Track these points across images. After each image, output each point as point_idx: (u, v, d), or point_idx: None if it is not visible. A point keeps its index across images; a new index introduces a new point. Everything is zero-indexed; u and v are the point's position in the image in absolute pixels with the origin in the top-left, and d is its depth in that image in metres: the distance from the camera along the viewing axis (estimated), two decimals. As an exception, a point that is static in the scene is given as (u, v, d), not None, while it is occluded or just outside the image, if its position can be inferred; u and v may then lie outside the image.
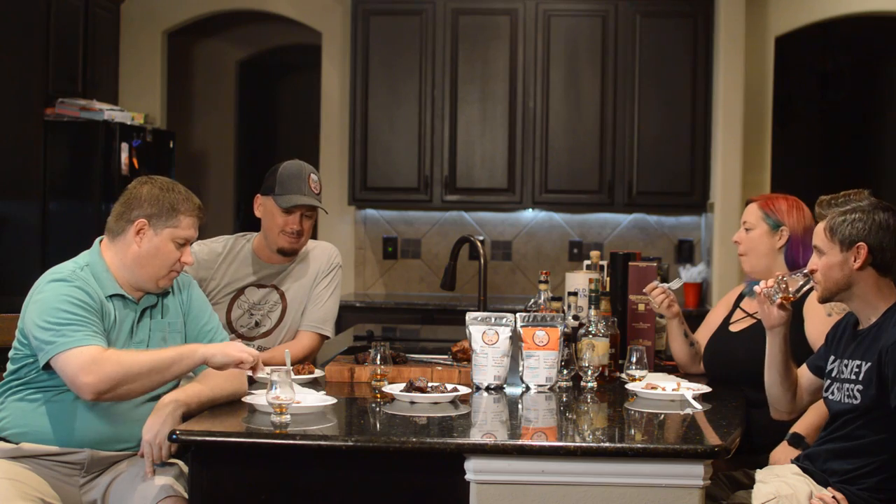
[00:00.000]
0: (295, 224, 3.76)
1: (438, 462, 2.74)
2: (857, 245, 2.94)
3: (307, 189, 3.77)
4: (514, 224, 6.87)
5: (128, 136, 6.11)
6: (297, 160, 3.88)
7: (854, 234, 2.95)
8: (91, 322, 2.95)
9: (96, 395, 2.86)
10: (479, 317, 3.48)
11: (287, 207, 3.73)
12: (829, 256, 2.99)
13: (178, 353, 2.96)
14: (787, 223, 3.62)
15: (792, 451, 3.24)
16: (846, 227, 2.96)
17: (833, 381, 3.05)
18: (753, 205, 3.69)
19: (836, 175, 8.81)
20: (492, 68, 6.55)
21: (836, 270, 2.98)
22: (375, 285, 6.94)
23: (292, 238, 3.78)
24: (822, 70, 9.01)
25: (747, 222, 3.68)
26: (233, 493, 2.78)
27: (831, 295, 3.03)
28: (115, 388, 2.87)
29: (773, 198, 3.69)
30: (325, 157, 6.92)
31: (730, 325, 3.73)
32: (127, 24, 6.93)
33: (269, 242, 3.82)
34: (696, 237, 6.79)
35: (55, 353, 2.88)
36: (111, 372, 2.85)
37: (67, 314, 2.91)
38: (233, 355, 2.96)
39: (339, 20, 6.90)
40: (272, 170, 3.84)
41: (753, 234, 3.65)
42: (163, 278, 3.12)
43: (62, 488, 3.00)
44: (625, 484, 2.70)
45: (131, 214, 3.09)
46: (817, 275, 3.03)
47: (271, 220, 3.78)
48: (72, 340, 2.88)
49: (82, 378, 2.84)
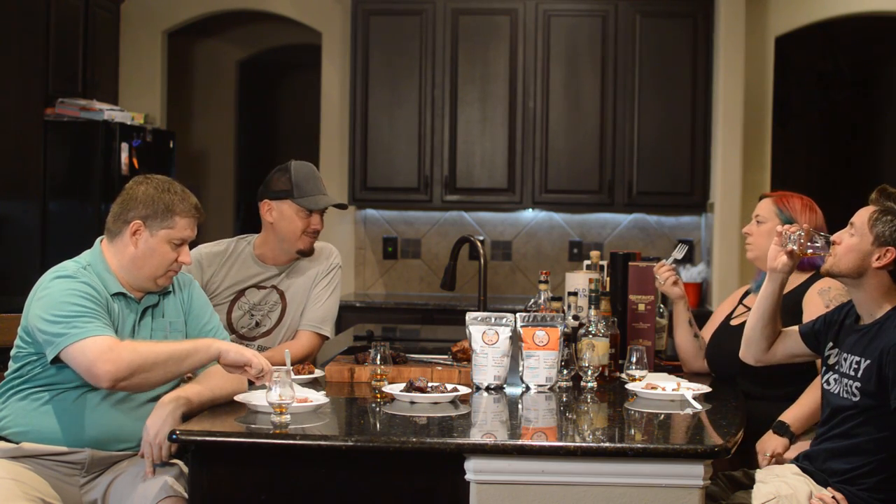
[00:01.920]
0: (318, 224, 3.84)
1: (438, 462, 2.74)
2: (888, 248, 2.95)
3: (324, 188, 3.87)
4: (514, 224, 6.87)
5: (128, 136, 6.11)
6: (303, 161, 3.91)
7: (889, 237, 2.95)
8: (101, 314, 2.95)
9: (114, 382, 2.85)
10: (479, 317, 3.48)
11: (317, 209, 3.78)
12: (858, 240, 2.98)
13: (193, 346, 2.97)
14: (799, 221, 3.59)
15: (777, 440, 3.26)
16: (887, 227, 2.96)
17: (832, 372, 3.05)
18: (767, 199, 3.70)
19: (836, 175, 8.83)
20: (492, 68, 6.55)
21: (856, 257, 2.98)
22: (375, 285, 6.94)
23: (314, 238, 3.85)
24: (822, 70, 9.01)
25: (759, 215, 3.68)
26: (233, 493, 2.78)
27: (839, 273, 3.02)
28: (132, 375, 2.85)
29: (787, 195, 3.70)
30: (325, 157, 6.92)
31: (731, 319, 3.74)
32: (127, 24, 6.93)
33: (286, 245, 3.83)
34: (696, 237, 6.79)
35: (67, 345, 2.86)
36: (129, 360, 2.84)
37: (77, 307, 2.91)
38: (246, 356, 2.96)
39: (339, 20, 6.90)
40: (279, 172, 3.84)
41: (764, 227, 3.65)
42: (161, 277, 3.12)
43: (62, 488, 3.00)
44: (625, 484, 2.70)
45: (127, 215, 3.09)
46: (838, 247, 3.02)
47: (290, 223, 3.80)
48: (84, 331, 2.87)
49: (100, 366, 2.82)
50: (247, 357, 2.96)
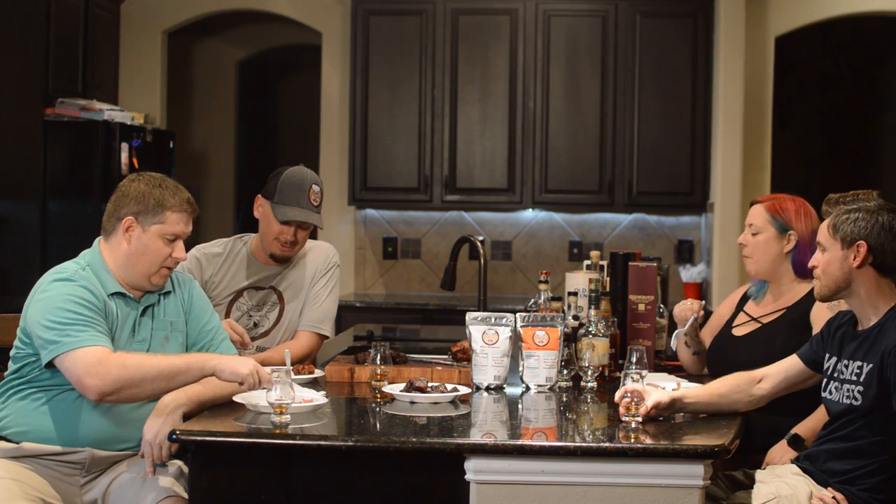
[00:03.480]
0: (289, 235, 3.74)
1: (438, 462, 2.74)
2: (857, 243, 2.95)
3: (306, 202, 3.74)
4: (514, 224, 6.87)
5: (128, 136, 6.11)
6: (302, 168, 3.84)
7: (855, 233, 2.96)
8: (96, 322, 2.95)
9: (100, 396, 2.87)
10: (479, 317, 3.48)
11: (282, 219, 3.72)
12: (830, 253, 3.00)
13: (186, 364, 2.95)
14: (795, 227, 3.55)
15: (790, 452, 3.23)
16: (848, 225, 2.97)
17: (832, 381, 3.05)
18: (759, 207, 3.62)
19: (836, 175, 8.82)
20: (492, 68, 6.55)
21: (836, 267, 2.99)
22: (375, 285, 6.94)
23: (285, 247, 3.77)
24: (822, 70, 9.00)
25: (753, 225, 3.60)
26: (233, 493, 2.78)
27: (830, 292, 3.03)
28: (120, 391, 2.87)
29: (779, 200, 3.60)
30: (325, 157, 6.92)
31: (733, 328, 3.69)
32: (127, 24, 6.93)
33: (263, 245, 3.82)
34: (696, 237, 6.79)
35: (59, 353, 2.88)
36: (116, 375, 2.85)
37: (72, 314, 2.91)
38: (241, 374, 2.94)
39: (339, 20, 6.90)
40: (276, 172, 3.83)
41: (760, 238, 3.58)
42: (154, 275, 3.10)
43: (62, 488, 3.00)
44: (625, 484, 2.70)
45: (120, 212, 3.09)
46: (817, 271, 3.04)
47: (267, 225, 3.78)
48: (77, 340, 2.88)
49: (88, 380, 2.84)
50: (241, 375, 2.95)
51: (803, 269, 3.50)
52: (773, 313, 3.58)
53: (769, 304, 3.63)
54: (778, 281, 3.61)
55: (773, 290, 3.63)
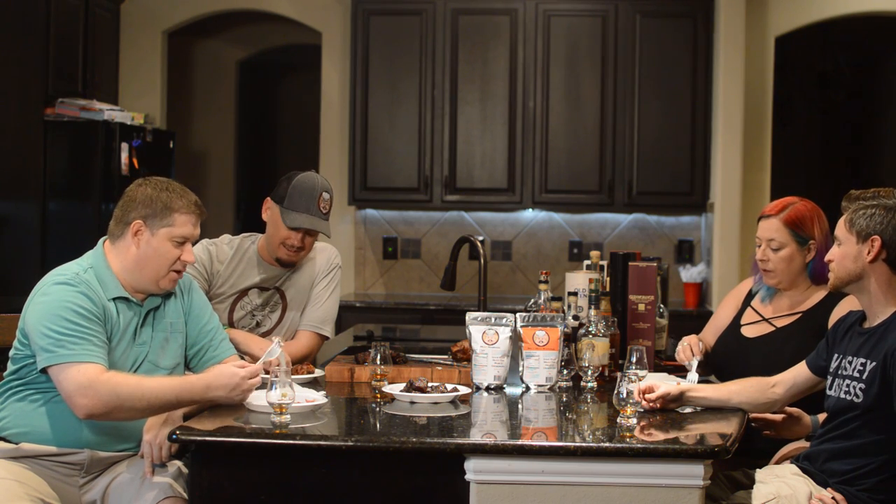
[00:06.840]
0: (296, 241, 3.75)
1: (438, 462, 2.74)
2: (872, 238, 2.96)
3: (315, 209, 3.74)
4: (514, 224, 6.87)
5: (128, 136, 6.11)
6: (314, 174, 3.83)
7: (871, 227, 2.97)
8: (92, 333, 2.94)
9: (88, 416, 2.89)
10: (479, 317, 3.48)
11: (290, 225, 3.73)
12: (845, 247, 3.02)
13: (176, 396, 2.92)
14: (815, 237, 3.50)
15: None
16: (864, 220, 2.99)
17: (834, 378, 3.05)
18: (776, 221, 3.52)
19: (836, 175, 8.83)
20: (492, 68, 6.55)
21: (850, 261, 3.01)
22: (375, 285, 6.94)
23: (291, 252, 3.78)
24: (822, 70, 9.01)
25: (774, 241, 3.50)
26: (233, 493, 2.78)
27: (842, 284, 3.05)
28: (109, 413, 2.89)
29: (793, 210, 3.52)
30: (325, 157, 6.92)
31: (742, 326, 3.65)
32: (127, 24, 6.93)
33: (269, 248, 3.82)
34: (696, 237, 6.79)
35: (53, 364, 2.89)
36: (105, 399, 2.85)
37: (69, 323, 2.91)
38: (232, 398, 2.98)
39: (339, 20, 6.90)
40: (287, 176, 3.82)
41: (783, 253, 3.51)
42: (164, 278, 3.11)
43: (62, 489, 3.00)
44: (625, 484, 2.70)
45: (128, 217, 3.09)
46: (832, 264, 3.06)
47: (275, 228, 3.78)
48: (71, 354, 2.88)
49: (77, 399, 2.86)
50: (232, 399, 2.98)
51: (820, 276, 3.48)
52: (788, 316, 3.56)
53: (783, 307, 3.59)
54: (797, 287, 3.59)
55: (790, 294, 3.59)
